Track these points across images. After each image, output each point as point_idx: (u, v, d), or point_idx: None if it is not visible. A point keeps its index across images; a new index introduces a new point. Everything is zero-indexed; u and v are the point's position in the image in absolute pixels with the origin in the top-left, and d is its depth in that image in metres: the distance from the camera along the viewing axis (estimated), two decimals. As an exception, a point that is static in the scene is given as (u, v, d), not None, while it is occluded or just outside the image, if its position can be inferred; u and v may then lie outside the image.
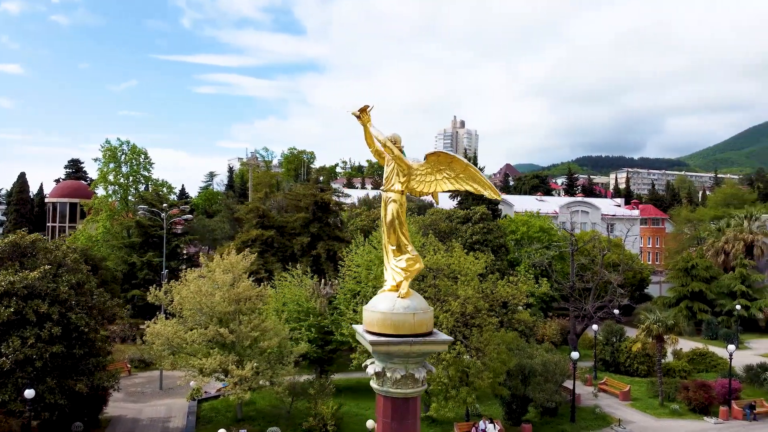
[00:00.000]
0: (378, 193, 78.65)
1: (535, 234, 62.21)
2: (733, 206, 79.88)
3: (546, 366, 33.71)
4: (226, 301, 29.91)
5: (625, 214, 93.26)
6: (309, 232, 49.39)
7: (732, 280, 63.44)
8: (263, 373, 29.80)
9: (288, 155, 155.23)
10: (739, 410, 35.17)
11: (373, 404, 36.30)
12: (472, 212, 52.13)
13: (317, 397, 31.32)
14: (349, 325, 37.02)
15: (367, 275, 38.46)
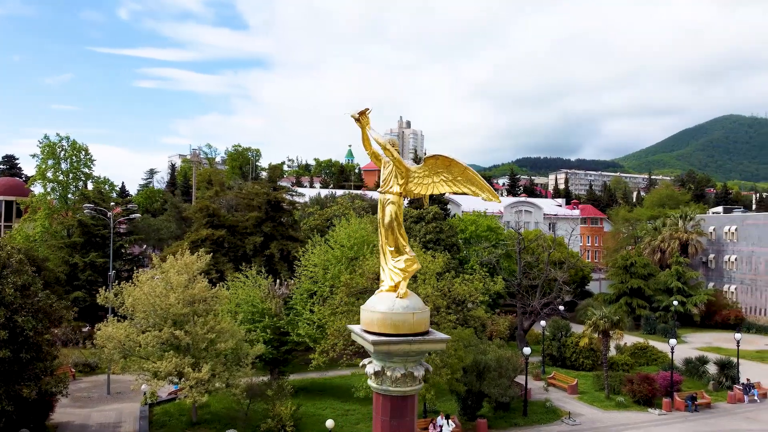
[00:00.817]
0: (329, 193, 78.62)
1: (483, 233, 63.55)
2: (668, 206, 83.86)
3: (499, 362, 34.56)
4: (181, 302, 29.25)
5: (566, 213, 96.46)
6: (262, 231, 48.77)
7: (668, 277, 66.64)
8: (220, 375, 29.32)
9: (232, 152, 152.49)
10: (681, 402, 37.03)
11: (331, 404, 36.61)
12: (426, 212, 52.77)
13: (275, 399, 31.01)
14: (306, 325, 36.95)
15: (324, 275, 38.42)
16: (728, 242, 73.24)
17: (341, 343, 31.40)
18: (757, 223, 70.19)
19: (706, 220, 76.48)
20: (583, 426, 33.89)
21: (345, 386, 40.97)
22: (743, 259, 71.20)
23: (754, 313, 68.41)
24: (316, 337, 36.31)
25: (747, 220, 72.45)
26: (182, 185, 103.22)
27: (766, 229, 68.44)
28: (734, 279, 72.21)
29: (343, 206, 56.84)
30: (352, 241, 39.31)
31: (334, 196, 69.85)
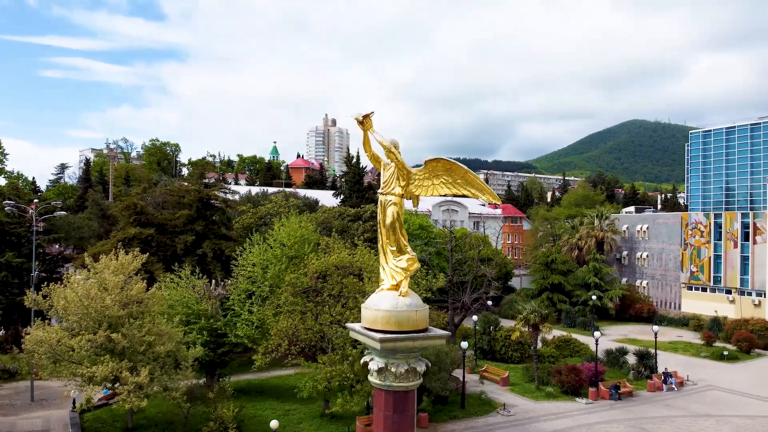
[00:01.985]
0: (260, 191, 77.27)
1: (415, 231, 64.59)
2: (584, 206, 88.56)
3: (439, 356, 35.47)
4: (117, 304, 28.09)
5: (490, 213, 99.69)
6: (193, 230, 47.37)
7: (586, 273, 70.48)
8: (158, 378, 28.39)
9: (150, 147, 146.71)
10: (605, 391, 39.35)
11: (271, 405, 36.17)
12: (363, 210, 53.07)
13: (217, 401, 30.38)
14: (245, 326, 36.35)
15: (263, 274, 37.86)
16: (640, 240, 78.32)
17: (286, 343, 31.18)
18: (667, 222, 75.49)
19: (620, 219, 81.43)
20: (517, 416, 35.31)
21: (283, 386, 40.71)
22: (654, 256, 76.38)
23: (664, 307, 73.58)
24: (256, 338, 35.87)
25: (657, 219, 77.74)
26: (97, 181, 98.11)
27: (675, 228, 73.73)
28: (646, 275, 77.33)
29: (278, 204, 56.16)
30: (292, 240, 38.96)
31: (266, 194, 68.80)
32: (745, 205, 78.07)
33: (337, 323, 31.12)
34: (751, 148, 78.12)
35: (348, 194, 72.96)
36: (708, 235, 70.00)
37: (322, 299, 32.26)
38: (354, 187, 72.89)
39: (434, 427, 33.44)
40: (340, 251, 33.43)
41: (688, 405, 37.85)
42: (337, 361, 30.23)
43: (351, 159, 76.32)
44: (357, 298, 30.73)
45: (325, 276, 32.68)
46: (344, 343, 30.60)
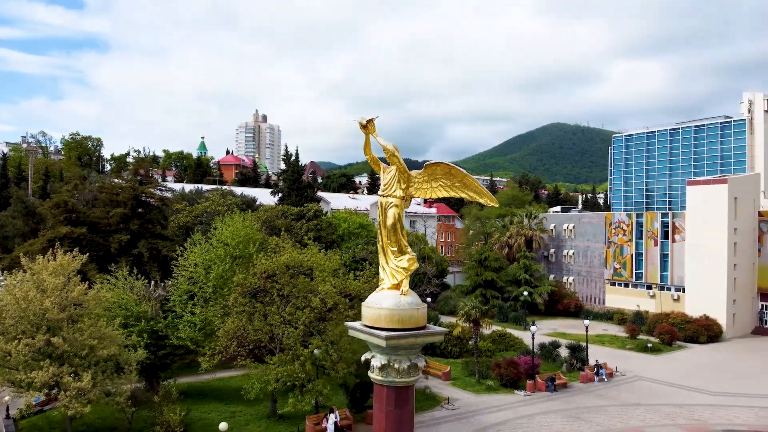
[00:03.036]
0: (194, 188, 75.24)
1: (356, 230, 65.05)
2: (514, 206, 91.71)
3: (386, 354, 35.98)
4: (57, 306, 26.85)
5: (425, 212, 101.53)
6: (128, 229, 45.69)
7: (517, 270, 73.14)
8: (101, 383, 27.36)
9: (70, 141, 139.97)
10: (542, 383, 41.13)
11: (216, 407, 35.68)
12: (306, 209, 52.82)
13: (162, 405, 29.61)
14: (187, 328, 35.50)
15: (206, 275, 37.10)
16: (567, 238, 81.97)
17: (234, 344, 30.75)
18: (592, 222, 79.38)
19: (548, 219, 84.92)
20: (461, 410, 36.37)
21: (226, 389, 40.08)
22: (579, 254, 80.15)
23: (590, 302, 77.36)
24: (199, 340, 35.18)
25: (583, 218, 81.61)
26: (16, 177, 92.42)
27: (600, 226, 77.66)
28: (572, 271, 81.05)
29: (215, 202, 54.99)
30: (236, 239, 38.38)
31: (200, 192, 67.15)
32: (664, 205, 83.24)
33: (288, 323, 30.99)
34: (670, 151, 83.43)
35: (287, 192, 72.32)
36: (630, 234, 74.09)
37: (270, 299, 32.02)
38: (293, 185, 72.33)
39: (382, 423, 33.89)
40: (289, 251, 33.27)
41: (619, 395, 40.16)
42: (288, 361, 30.12)
43: (289, 156, 75.71)
44: (309, 297, 30.73)
45: (274, 276, 32.46)
46: (295, 344, 30.54)
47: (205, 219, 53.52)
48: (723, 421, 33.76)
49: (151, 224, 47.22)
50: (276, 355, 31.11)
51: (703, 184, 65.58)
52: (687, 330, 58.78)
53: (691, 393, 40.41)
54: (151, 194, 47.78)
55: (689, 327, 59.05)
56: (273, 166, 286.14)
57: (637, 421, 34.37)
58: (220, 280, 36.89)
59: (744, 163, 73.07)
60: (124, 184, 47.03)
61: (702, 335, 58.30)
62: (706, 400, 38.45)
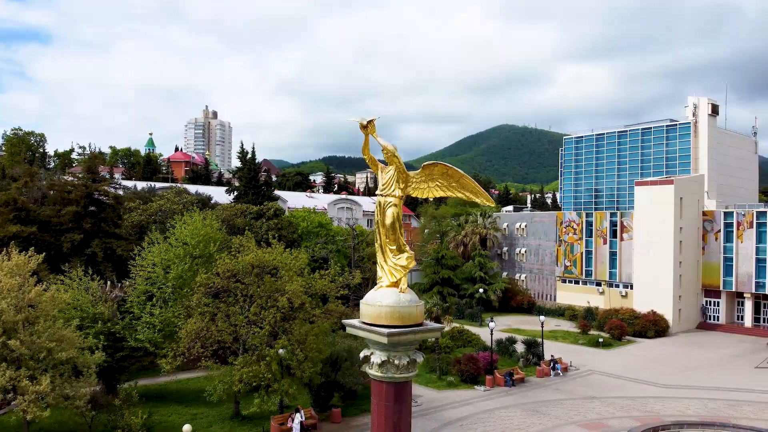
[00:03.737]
0: (147, 186, 73.38)
1: (314, 229, 64.75)
2: (468, 205, 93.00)
3: (350, 351, 36.11)
4: (14, 308, 25.81)
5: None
6: (81, 228, 44.19)
7: (472, 268, 74.44)
8: (59, 386, 26.46)
9: (11, 137, 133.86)
10: (501, 378, 42.05)
11: (176, 409, 35.14)
12: (266, 208, 52.20)
13: (123, 408, 28.85)
14: (146, 330, 34.64)
15: (164, 275, 36.25)
16: (519, 237, 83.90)
17: (198, 345, 30.23)
18: (543, 221, 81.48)
19: (501, 218, 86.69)
20: (424, 406, 36.83)
21: (185, 391, 39.39)
22: (531, 252, 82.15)
23: (542, 299, 79.41)
24: (158, 342, 34.44)
25: (534, 218, 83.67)
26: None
27: (551, 225, 79.78)
28: (524, 269, 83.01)
29: (170, 201, 53.79)
30: (196, 238, 37.66)
31: (153, 190, 65.48)
32: (612, 205, 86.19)
33: (253, 323, 30.70)
34: (618, 153, 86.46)
35: (243, 191, 71.26)
36: (580, 233, 76.42)
37: (234, 299, 31.64)
38: (250, 183, 71.32)
39: (347, 421, 34.05)
40: (254, 250, 32.92)
41: (575, 388, 41.46)
42: (253, 361, 29.85)
43: (245, 154, 74.56)
44: (275, 297, 30.50)
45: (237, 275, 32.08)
46: (260, 344, 30.28)
47: (159, 218, 52.31)
48: (675, 413, 35.31)
49: (105, 223, 45.81)
50: (240, 355, 30.80)
51: (651, 184, 68.29)
52: (636, 325, 61.11)
53: (643, 386, 42.09)
54: (105, 192, 46.34)
55: (638, 322, 61.42)
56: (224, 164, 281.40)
57: (594, 414, 35.58)
58: (180, 280, 36.15)
59: (688, 164, 76.43)
60: (77, 182, 45.45)
61: (650, 330, 60.74)
62: (657, 393, 40.13)
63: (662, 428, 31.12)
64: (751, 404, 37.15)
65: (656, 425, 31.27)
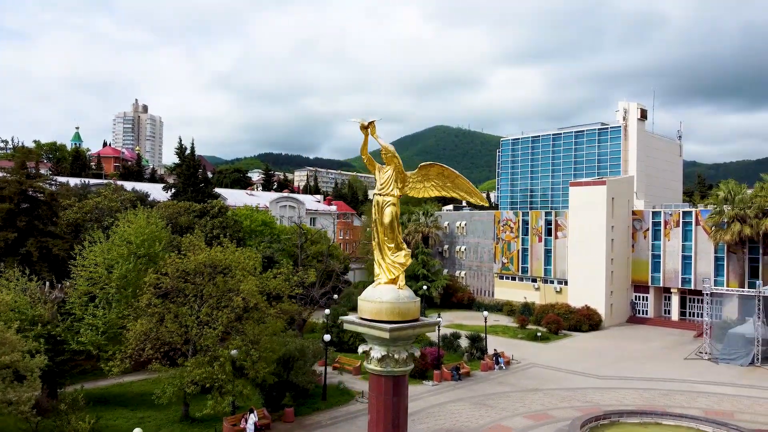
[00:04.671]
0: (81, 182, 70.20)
1: (258, 227, 63.92)
2: (411, 204, 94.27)
3: (302, 351, 36.13)
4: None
5: (325, 209, 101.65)
6: (15, 226, 41.98)
7: (415, 266, 75.45)
8: (1, 391, 25.20)
9: None
10: (448, 373, 43.02)
11: (121, 413, 34.26)
12: (210, 206, 51.12)
13: (70, 413, 27.76)
14: (89, 332, 33.36)
15: (107, 275, 35.01)
16: (459, 235, 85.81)
17: (149, 347, 29.46)
18: (482, 219, 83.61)
19: (442, 216, 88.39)
20: (375, 403, 37.23)
21: (129, 394, 38.25)
22: (471, 249, 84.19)
23: (481, 295, 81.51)
24: (101, 344, 33.33)
25: (474, 216, 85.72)
26: None
27: (489, 224, 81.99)
28: (464, 266, 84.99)
29: (108, 198, 51.88)
30: (141, 237, 36.58)
31: (87, 186, 62.88)
32: (547, 204, 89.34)
33: (205, 324, 30.19)
34: (553, 154, 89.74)
35: (182, 188, 69.49)
36: (517, 231, 78.93)
37: (185, 300, 31.01)
38: (189, 180, 69.63)
39: (300, 420, 33.98)
40: (205, 249, 32.36)
41: (518, 381, 42.96)
42: (206, 362, 29.37)
43: (184, 150, 72.72)
44: (229, 297, 30.11)
45: (187, 275, 31.46)
46: (213, 344, 29.82)
47: (96, 215, 50.36)
48: (613, 402, 37.25)
49: (40, 221, 43.68)
50: (190, 357, 30.24)
51: (584, 185, 71.37)
52: (571, 319, 63.79)
53: (581, 377, 44.11)
54: (41, 189, 44.17)
55: (572, 317, 64.12)
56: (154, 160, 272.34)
57: (538, 405, 37.03)
58: (124, 281, 35.07)
59: (619, 166, 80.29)
60: (10, 178, 43.07)
61: (584, 324, 63.55)
62: (595, 384, 42.16)
63: (604, 417, 32.78)
64: (683, 393, 39.67)
65: (598, 414, 32.89)
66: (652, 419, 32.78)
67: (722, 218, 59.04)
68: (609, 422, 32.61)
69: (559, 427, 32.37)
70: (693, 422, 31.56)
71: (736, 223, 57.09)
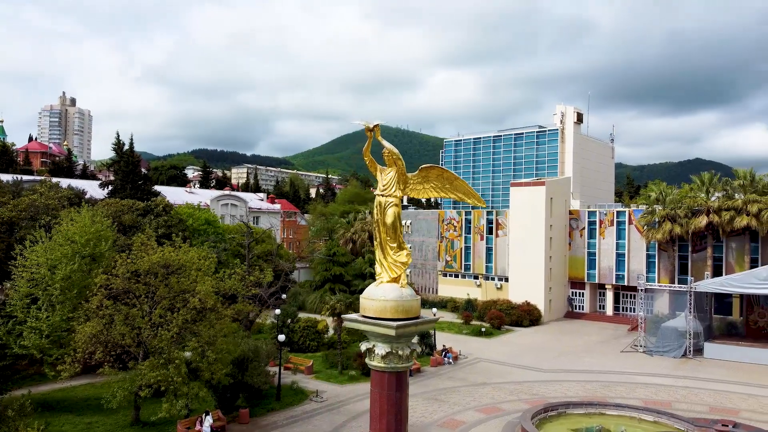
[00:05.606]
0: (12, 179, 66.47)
1: (201, 226, 62.58)
2: (356, 203, 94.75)
3: (257, 350, 35.87)
4: None
5: (269, 207, 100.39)
6: (-56, 224, 39.56)
7: (363, 264, 75.86)
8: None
9: None
10: (400, 368, 43.59)
11: (68, 419, 33.31)
12: (154, 204, 49.68)
13: (17, 419, 26.52)
14: (32, 335, 31.94)
15: (51, 276, 33.57)
16: (405, 234, 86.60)
17: (100, 350, 28.53)
18: (427, 218, 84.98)
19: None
20: (330, 401, 37.40)
21: (73, 399, 36.88)
22: (416, 248, 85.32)
23: (425, 292, 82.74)
24: (45, 348, 32.01)
25: (419, 215, 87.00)
26: None
27: (433, 223, 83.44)
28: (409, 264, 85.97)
29: (45, 195, 49.53)
30: (86, 236, 35.28)
31: (19, 183, 59.74)
32: (488, 204, 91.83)
33: (159, 326, 29.50)
34: (493, 156, 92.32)
35: (120, 185, 67.22)
36: (460, 230, 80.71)
37: (137, 301, 30.20)
38: (128, 177, 67.40)
39: (255, 421, 33.73)
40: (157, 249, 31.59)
41: (467, 376, 44.10)
42: (161, 365, 28.72)
43: (122, 146, 70.32)
44: (185, 298, 29.54)
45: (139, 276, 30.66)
46: (168, 347, 29.17)
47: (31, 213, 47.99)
48: (558, 394, 38.88)
49: (-29, 219, 41.33)
50: (141, 360, 29.53)
51: (524, 185, 73.78)
52: (512, 315, 65.88)
53: (526, 371, 45.73)
54: (-28, 185, 41.77)
55: (514, 312, 66.25)
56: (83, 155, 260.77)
57: (488, 399, 38.19)
58: (68, 281, 33.75)
59: (556, 167, 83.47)
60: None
61: (525, 319, 65.77)
62: (540, 377, 43.84)
63: (551, 409, 34.20)
64: (622, 384, 41.84)
65: (545, 406, 34.25)
66: (597, 410, 34.45)
67: (654, 218, 62.38)
68: (557, 413, 34.03)
69: (510, 419, 33.53)
70: (635, 412, 33.41)
71: (667, 222, 60.48)
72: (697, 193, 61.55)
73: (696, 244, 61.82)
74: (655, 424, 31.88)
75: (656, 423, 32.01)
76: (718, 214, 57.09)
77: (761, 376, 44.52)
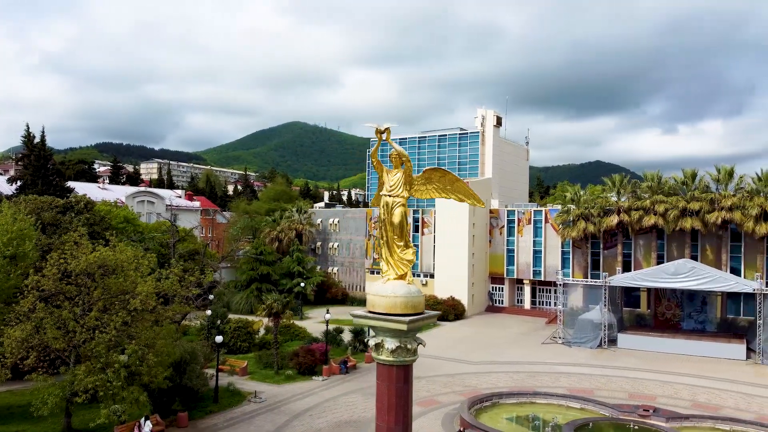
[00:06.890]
0: None
1: (120, 225, 59.87)
2: (282, 200, 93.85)
3: (194, 353, 35.17)
4: None
5: (188, 205, 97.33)
6: None
7: (290, 263, 75.62)
8: None
9: None
10: (336, 367, 44.06)
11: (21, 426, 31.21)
12: (75, 200, 47.09)
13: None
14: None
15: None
16: (332, 232, 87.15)
17: (34, 354, 27.06)
18: (355, 217, 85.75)
19: (316, 213, 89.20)
20: (268, 402, 37.25)
21: (-5, 407, 34.60)
22: (343, 246, 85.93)
23: (353, 289, 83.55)
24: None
25: (347, 214, 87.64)
26: None
27: (361, 222, 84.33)
28: (336, 262, 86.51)
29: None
30: (7, 236, 33.22)
31: None
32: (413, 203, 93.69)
33: (95, 329, 28.35)
34: (418, 156, 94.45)
35: (31, 180, 63.13)
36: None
37: (70, 303, 28.86)
38: (39, 172, 63.40)
39: (194, 424, 33.14)
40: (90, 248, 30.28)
41: (401, 371, 45.11)
42: (99, 369, 27.66)
43: (32, 138, 66.05)
44: (124, 299, 28.54)
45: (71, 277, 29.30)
46: (105, 350, 28.09)
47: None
48: (489, 385, 40.71)
49: None
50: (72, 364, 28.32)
51: (449, 185, 75.99)
52: (438, 310, 67.47)
53: (456, 364, 47.46)
54: None
55: (440, 307, 68.14)
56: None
57: (425, 392, 39.37)
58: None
59: (477, 168, 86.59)
60: None
61: (450, 314, 67.97)
62: (470, 369, 45.65)
63: (486, 399, 35.89)
64: (547, 374, 44.36)
65: (481, 397, 35.94)
66: (527, 399, 36.52)
67: (569, 217, 66.22)
68: (491, 404, 35.80)
69: (448, 411, 34.85)
70: (563, 400, 35.70)
71: (582, 221, 64.42)
72: (609, 194, 65.99)
73: (607, 241, 66.22)
74: (582, 411, 34.21)
75: (583, 410, 34.36)
76: (628, 213, 61.51)
77: (671, 364, 48.48)
